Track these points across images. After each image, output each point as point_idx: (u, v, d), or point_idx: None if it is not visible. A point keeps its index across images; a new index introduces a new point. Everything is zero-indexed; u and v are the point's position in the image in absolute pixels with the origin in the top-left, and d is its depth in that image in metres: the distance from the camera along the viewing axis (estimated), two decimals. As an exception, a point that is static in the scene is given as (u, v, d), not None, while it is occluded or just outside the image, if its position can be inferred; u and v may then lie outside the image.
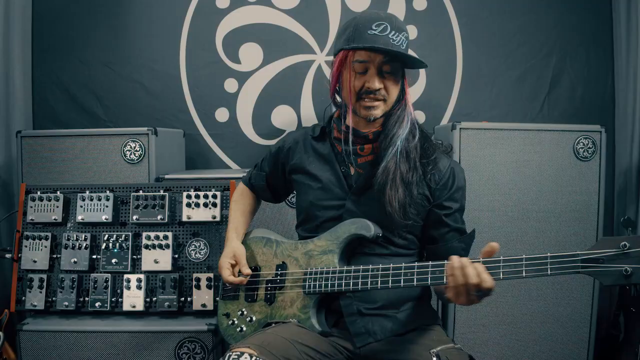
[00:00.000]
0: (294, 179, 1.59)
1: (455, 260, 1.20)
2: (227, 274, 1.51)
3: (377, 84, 1.36)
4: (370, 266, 1.33)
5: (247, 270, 1.51)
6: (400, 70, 1.41)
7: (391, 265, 1.31)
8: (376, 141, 1.44)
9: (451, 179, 1.44)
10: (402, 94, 1.44)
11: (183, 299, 1.92)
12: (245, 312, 1.51)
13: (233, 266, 1.54)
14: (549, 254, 1.12)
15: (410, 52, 1.41)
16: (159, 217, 1.95)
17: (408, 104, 1.44)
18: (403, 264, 1.30)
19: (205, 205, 1.95)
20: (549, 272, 1.12)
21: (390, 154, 1.38)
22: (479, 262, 1.18)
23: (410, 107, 1.44)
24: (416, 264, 1.28)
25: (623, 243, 1.06)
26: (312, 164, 1.53)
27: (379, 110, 1.40)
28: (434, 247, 1.47)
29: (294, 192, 1.66)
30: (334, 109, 1.56)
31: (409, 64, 1.42)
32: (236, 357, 1.21)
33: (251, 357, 1.21)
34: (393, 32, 1.34)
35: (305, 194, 1.54)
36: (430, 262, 1.26)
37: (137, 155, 2.25)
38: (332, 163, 1.51)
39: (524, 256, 1.15)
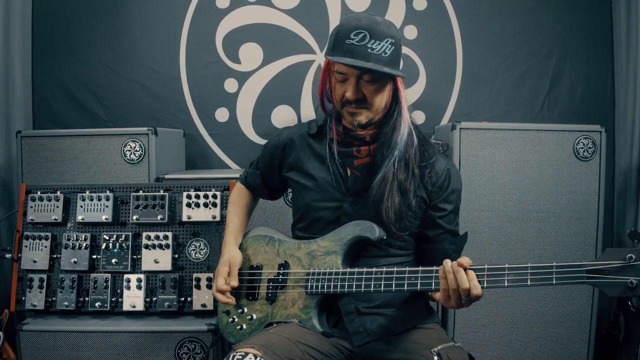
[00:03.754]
0: (290, 177, 1.56)
1: (447, 264, 1.22)
2: (220, 283, 1.47)
3: (352, 95, 1.34)
4: (374, 269, 1.33)
5: (234, 283, 1.48)
6: (386, 76, 1.36)
7: (395, 269, 1.30)
8: (373, 143, 1.42)
9: (447, 181, 1.43)
10: (396, 99, 1.41)
11: (183, 299, 1.92)
12: (245, 310, 1.50)
13: (229, 274, 1.50)
14: (554, 264, 1.13)
15: (394, 58, 1.34)
16: (159, 217, 1.95)
17: (404, 109, 1.40)
18: (407, 268, 1.29)
19: (206, 205, 1.95)
20: (554, 281, 1.12)
21: (389, 163, 1.37)
22: (482, 268, 1.19)
23: (407, 113, 1.41)
24: (420, 268, 1.28)
25: (629, 255, 1.07)
26: (309, 163, 1.52)
27: (362, 117, 1.37)
28: (427, 247, 1.47)
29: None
30: (327, 108, 1.52)
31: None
32: (240, 357, 1.21)
33: (255, 357, 1.21)
34: (372, 41, 1.30)
35: (302, 194, 1.53)
36: (434, 267, 1.26)
37: (137, 155, 2.24)
38: (328, 163, 1.49)
39: (529, 264, 1.15)
